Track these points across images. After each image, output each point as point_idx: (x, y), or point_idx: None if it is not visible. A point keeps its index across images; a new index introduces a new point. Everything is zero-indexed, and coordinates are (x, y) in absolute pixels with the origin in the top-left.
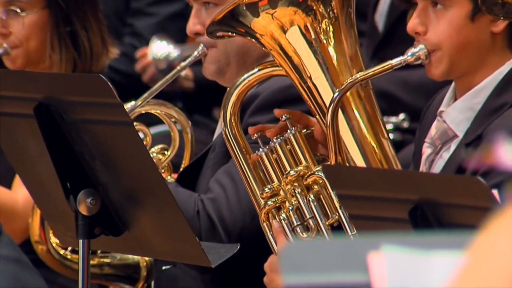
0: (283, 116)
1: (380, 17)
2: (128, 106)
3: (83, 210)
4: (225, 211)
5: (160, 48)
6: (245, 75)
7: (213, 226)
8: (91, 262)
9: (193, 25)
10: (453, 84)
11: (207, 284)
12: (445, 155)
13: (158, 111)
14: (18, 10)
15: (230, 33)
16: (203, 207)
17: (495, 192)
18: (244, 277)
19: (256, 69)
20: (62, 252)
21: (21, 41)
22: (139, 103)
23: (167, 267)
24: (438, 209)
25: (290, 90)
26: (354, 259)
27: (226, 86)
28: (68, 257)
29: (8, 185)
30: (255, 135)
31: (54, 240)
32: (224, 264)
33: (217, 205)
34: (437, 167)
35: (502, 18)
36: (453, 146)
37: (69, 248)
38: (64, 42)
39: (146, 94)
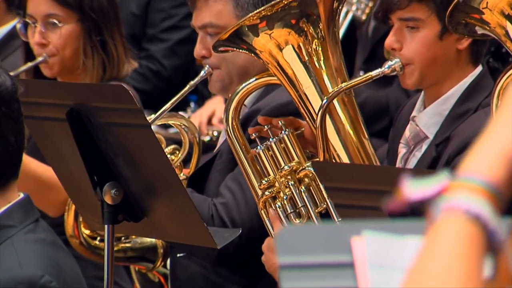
0: (279, 122)
1: (371, 31)
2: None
3: (108, 199)
4: (235, 214)
5: None
6: (244, 84)
7: (225, 227)
8: (116, 247)
9: (199, 50)
10: (422, 92)
11: (216, 272)
12: (418, 154)
13: (171, 122)
14: (56, 22)
15: (234, 49)
16: (216, 211)
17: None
18: (247, 264)
19: (254, 78)
20: (92, 243)
21: (57, 50)
22: (157, 116)
23: (181, 254)
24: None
25: (288, 107)
26: (339, 241)
27: None
28: (98, 246)
29: None
30: (254, 135)
31: (85, 234)
32: (233, 257)
33: (228, 209)
34: (411, 164)
35: (466, 36)
36: (424, 146)
37: (98, 238)
38: (96, 48)
39: (162, 109)
